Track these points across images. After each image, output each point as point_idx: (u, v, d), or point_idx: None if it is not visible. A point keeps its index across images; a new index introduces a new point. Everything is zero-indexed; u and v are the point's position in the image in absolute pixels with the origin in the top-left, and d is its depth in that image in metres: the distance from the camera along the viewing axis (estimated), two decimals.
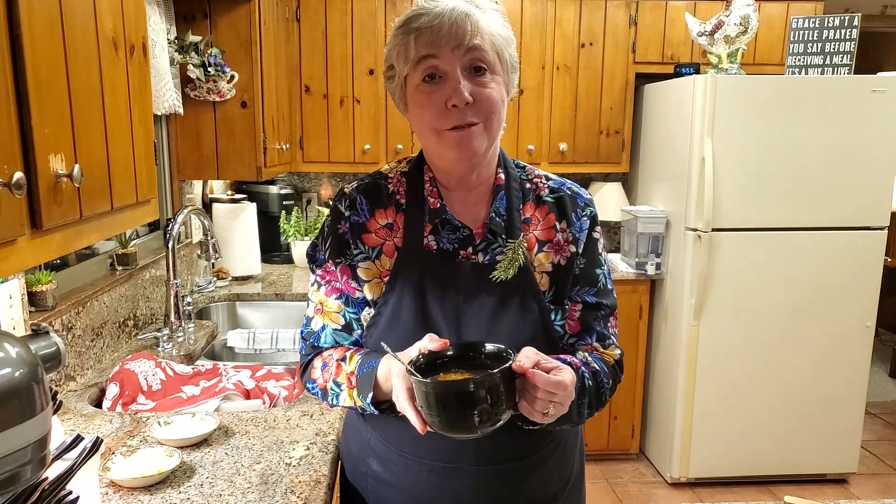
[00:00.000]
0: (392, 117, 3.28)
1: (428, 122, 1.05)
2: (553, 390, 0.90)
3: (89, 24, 0.99)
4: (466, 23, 1.01)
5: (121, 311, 2.06)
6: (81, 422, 1.52)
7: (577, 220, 1.15)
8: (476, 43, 1.02)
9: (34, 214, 0.84)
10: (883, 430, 3.85)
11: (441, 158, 1.10)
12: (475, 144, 1.05)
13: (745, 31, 2.95)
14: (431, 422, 0.90)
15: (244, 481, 1.26)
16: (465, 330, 1.09)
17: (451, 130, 1.04)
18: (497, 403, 0.87)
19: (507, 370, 0.89)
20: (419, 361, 0.95)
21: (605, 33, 3.31)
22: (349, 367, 1.11)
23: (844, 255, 3.02)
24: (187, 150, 2.59)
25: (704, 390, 3.07)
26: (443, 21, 1.01)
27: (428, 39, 1.01)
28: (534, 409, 0.91)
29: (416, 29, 1.02)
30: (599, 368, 1.11)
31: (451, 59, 1.01)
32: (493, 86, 1.04)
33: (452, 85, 1.02)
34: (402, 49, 1.05)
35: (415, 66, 1.03)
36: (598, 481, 3.20)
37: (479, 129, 1.04)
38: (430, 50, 1.01)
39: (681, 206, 3.06)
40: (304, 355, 1.22)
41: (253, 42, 2.53)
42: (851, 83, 2.91)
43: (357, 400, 1.08)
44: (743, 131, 2.89)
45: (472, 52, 1.02)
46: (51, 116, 0.87)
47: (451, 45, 1.01)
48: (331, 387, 1.13)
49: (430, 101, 1.03)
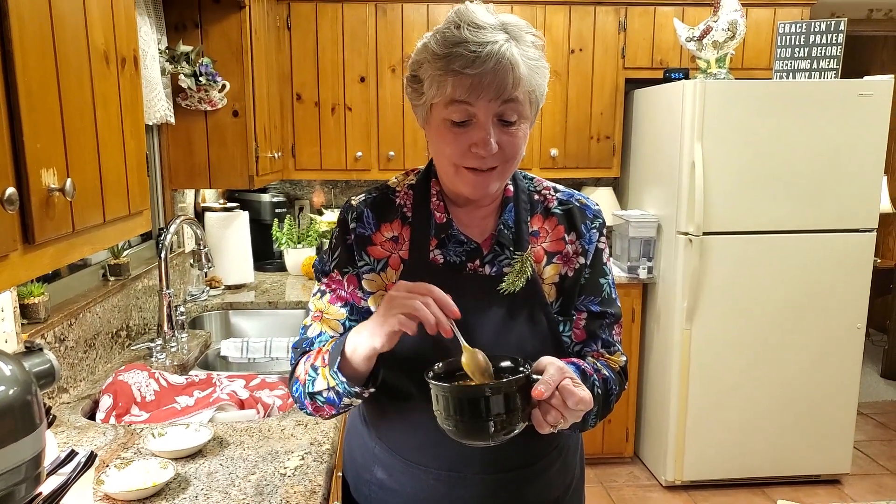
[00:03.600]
0: (384, 124, 3.29)
1: (448, 156, 1.04)
2: (574, 407, 0.90)
3: (80, 38, 0.99)
4: (509, 76, 0.97)
5: (113, 322, 2.05)
6: (75, 434, 1.51)
7: (586, 231, 1.15)
8: (514, 95, 0.99)
9: (26, 229, 0.84)
10: (875, 430, 3.87)
11: (454, 186, 1.09)
12: (490, 187, 1.06)
13: (733, 37, 2.98)
14: (447, 428, 0.91)
15: (239, 492, 1.25)
16: (473, 342, 1.08)
17: (469, 170, 1.03)
18: (512, 412, 0.88)
19: (523, 380, 0.89)
20: (438, 369, 0.95)
21: (594, 39, 3.33)
22: (326, 347, 1.09)
23: (834, 257, 3.04)
24: (179, 159, 2.59)
25: (698, 393, 3.08)
26: (486, 70, 0.96)
27: (467, 86, 0.97)
28: (545, 420, 0.91)
29: (457, 72, 0.97)
30: (608, 375, 1.12)
31: (485, 109, 0.99)
32: (519, 134, 1.03)
33: (481, 134, 1.00)
34: (435, 81, 1.00)
35: (446, 105, 1.00)
36: (594, 485, 3.21)
37: (496, 174, 1.04)
38: (467, 98, 0.98)
39: (672, 210, 3.08)
40: (293, 364, 1.19)
41: (244, 51, 2.54)
42: (838, 87, 2.93)
43: (330, 379, 1.04)
44: (732, 135, 2.91)
45: (507, 104, 0.99)
46: (43, 131, 0.87)
47: (489, 96, 0.98)
48: (308, 374, 1.09)
49: (457, 142, 1.02)
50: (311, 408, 1.12)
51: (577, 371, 1.02)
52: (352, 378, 1.02)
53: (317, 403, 1.09)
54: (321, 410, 1.11)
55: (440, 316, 0.93)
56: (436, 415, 0.92)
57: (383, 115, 3.27)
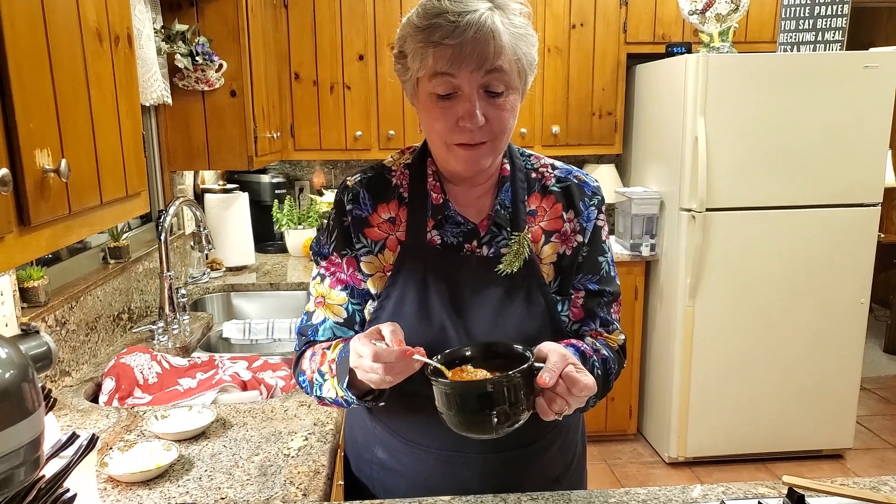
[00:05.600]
0: (383, 103, 3.25)
1: (438, 132, 1.03)
2: (578, 394, 0.89)
3: (72, 15, 0.97)
4: (490, 44, 0.95)
5: (115, 305, 2.05)
6: (78, 417, 1.51)
7: (584, 209, 1.14)
8: (497, 65, 0.97)
9: (21, 211, 0.83)
10: (878, 405, 3.88)
11: (447, 164, 1.08)
12: (482, 162, 1.04)
13: (737, 9, 2.93)
14: (450, 422, 0.89)
15: (243, 473, 1.25)
16: (471, 324, 1.07)
17: (459, 146, 1.02)
18: (516, 404, 0.86)
19: (527, 371, 0.88)
20: (438, 360, 0.93)
21: (595, 14, 3.29)
22: (332, 354, 1.08)
23: (838, 232, 3.02)
24: (177, 140, 2.57)
25: (701, 370, 3.08)
26: (465, 40, 0.94)
27: (448, 57, 0.96)
28: (550, 409, 0.90)
29: (437, 42, 0.96)
30: (608, 355, 1.11)
31: (469, 80, 0.97)
32: (507, 106, 1.01)
33: (466, 106, 0.98)
34: (418, 53, 0.99)
35: (430, 77, 0.99)
36: (597, 462, 3.22)
37: (487, 148, 1.03)
38: (449, 69, 0.96)
39: (674, 186, 3.06)
40: (298, 351, 1.19)
41: (240, 29, 2.50)
42: (843, 59, 2.89)
43: (339, 390, 1.04)
44: (735, 110, 2.88)
45: (491, 74, 0.97)
46: (35, 111, 0.86)
47: (471, 66, 0.96)
48: (315, 378, 1.10)
49: (444, 116, 1.00)
50: (319, 402, 1.14)
51: (577, 354, 1.02)
52: (360, 389, 1.02)
53: (325, 402, 1.12)
54: (329, 405, 1.14)
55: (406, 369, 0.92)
56: (438, 409, 0.90)
57: (382, 94, 3.24)
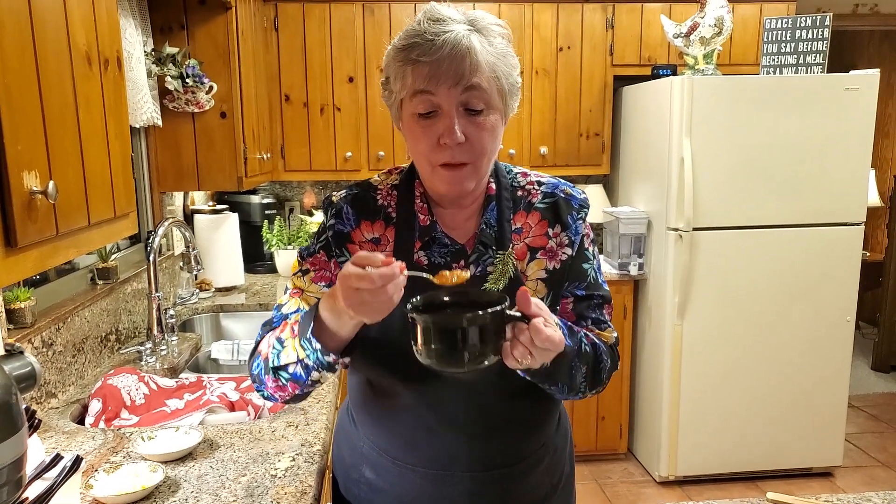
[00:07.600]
0: (373, 124, 3.28)
1: (422, 152, 1.04)
2: (541, 345, 0.88)
3: (62, 39, 0.98)
4: (466, 60, 0.98)
5: (102, 326, 2.04)
6: (63, 439, 1.50)
7: (573, 222, 1.15)
8: (474, 82, 0.99)
9: (8, 232, 0.83)
10: (866, 422, 3.89)
11: (433, 186, 1.09)
12: (466, 184, 1.05)
13: (720, 33, 2.99)
14: (424, 358, 0.91)
15: (229, 494, 1.25)
16: None
17: (443, 167, 1.03)
18: (486, 343, 0.89)
19: (499, 312, 0.90)
20: (417, 302, 0.95)
21: (582, 37, 3.34)
22: (294, 319, 1.06)
23: (823, 251, 3.05)
24: (167, 161, 2.58)
25: (690, 388, 3.09)
26: (441, 56, 0.97)
27: (426, 74, 0.98)
28: (512, 354, 0.90)
29: (414, 60, 0.99)
30: (599, 343, 1.11)
31: (447, 96, 0.99)
32: (487, 125, 1.03)
33: (446, 123, 1.00)
34: (399, 74, 1.02)
35: (411, 97, 1.01)
36: (588, 482, 3.21)
37: (469, 170, 1.04)
38: (427, 86, 0.99)
39: (661, 206, 3.09)
40: (257, 340, 1.14)
41: (231, 52, 2.53)
42: (825, 81, 2.95)
43: (300, 350, 0.99)
44: (720, 131, 2.92)
45: (469, 91, 0.99)
46: (23, 133, 0.87)
47: (448, 83, 0.98)
48: (273, 348, 1.05)
49: (425, 135, 1.02)
50: (272, 387, 1.06)
51: (563, 326, 1.01)
52: (328, 345, 0.97)
53: (279, 381, 1.04)
54: (282, 390, 1.05)
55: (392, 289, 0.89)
56: (414, 348, 0.92)
57: (372, 115, 3.27)
